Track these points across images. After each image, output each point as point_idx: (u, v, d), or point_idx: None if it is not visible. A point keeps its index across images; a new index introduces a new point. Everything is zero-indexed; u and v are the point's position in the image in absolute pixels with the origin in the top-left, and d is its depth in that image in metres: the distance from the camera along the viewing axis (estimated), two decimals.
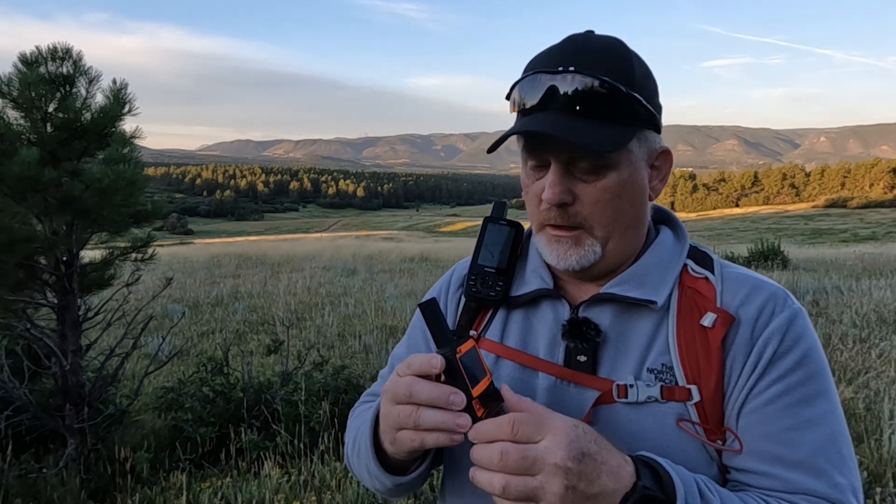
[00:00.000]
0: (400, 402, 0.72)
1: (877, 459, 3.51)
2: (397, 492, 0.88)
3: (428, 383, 0.70)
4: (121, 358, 4.43)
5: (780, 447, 0.76)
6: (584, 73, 0.77)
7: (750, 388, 0.79)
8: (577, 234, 0.82)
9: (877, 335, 6.46)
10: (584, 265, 0.83)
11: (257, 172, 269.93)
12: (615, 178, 0.80)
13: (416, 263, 17.58)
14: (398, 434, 0.73)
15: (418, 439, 0.71)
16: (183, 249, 27.43)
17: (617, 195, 0.81)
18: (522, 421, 0.66)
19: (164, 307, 10.10)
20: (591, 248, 0.83)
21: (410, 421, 0.70)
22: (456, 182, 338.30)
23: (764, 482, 0.76)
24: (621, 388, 0.80)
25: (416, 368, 0.71)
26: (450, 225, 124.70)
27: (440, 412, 0.69)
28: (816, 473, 0.75)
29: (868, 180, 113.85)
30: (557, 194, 0.79)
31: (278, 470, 3.73)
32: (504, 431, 0.66)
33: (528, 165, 0.84)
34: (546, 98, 0.78)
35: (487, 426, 0.67)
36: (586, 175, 0.80)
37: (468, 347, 0.72)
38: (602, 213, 0.81)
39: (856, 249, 20.68)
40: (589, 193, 0.80)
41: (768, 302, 0.82)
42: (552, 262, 0.85)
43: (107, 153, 4.02)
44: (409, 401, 0.70)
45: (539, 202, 0.83)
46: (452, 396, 0.69)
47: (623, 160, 0.81)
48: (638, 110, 0.80)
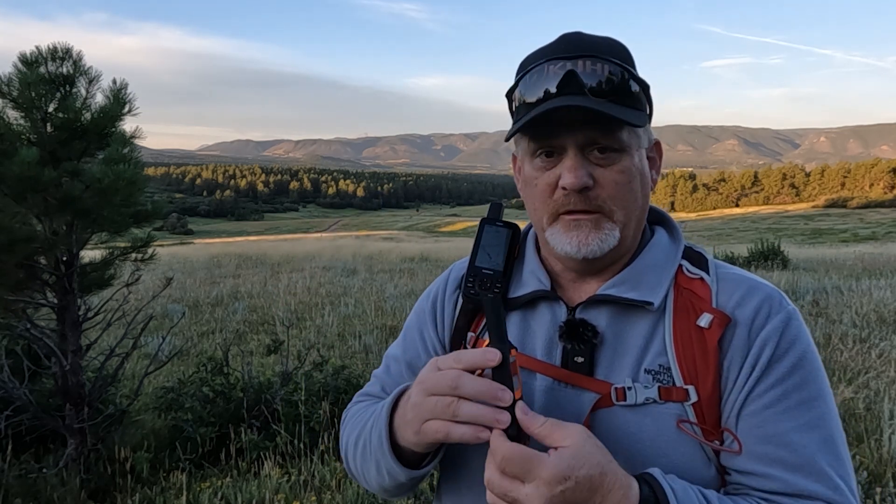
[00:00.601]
0: (439, 393, 0.71)
1: (877, 459, 3.51)
2: (409, 486, 0.87)
3: (476, 378, 0.70)
4: (121, 358, 4.43)
5: (781, 450, 0.76)
6: (602, 59, 0.78)
7: (749, 390, 0.79)
8: (595, 217, 0.82)
9: (877, 335, 6.46)
10: (604, 250, 0.82)
11: (257, 172, 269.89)
12: (629, 162, 0.81)
13: (416, 263, 17.58)
14: (426, 425, 0.73)
15: (444, 430, 0.71)
16: (183, 249, 27.44)
17: (632, 178, 0.82)
18: (512, 459, 0.67)
19: (164, 307, 10.10)
20: (611, 231, 0.82)
21: (449, 411, 0.70)
22: (456, 182, 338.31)
23: (764, 484, 0.77)
24: (619, 391, 0.80)
25: (466, 362, 0.71)
26: (450, 225, 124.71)
27: (481, 406, 0.69)
28: (817, 476, 0.75)
29: (868, 180, 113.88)
30: (580, 177, 0.78)
31: (278, 470, 3.73)
32: (494, 462, 0.68)
33: (538, 156, 0.83)
34: (564, 82, 0.78)
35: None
36: (602, 159, 0.80)
37: (514, 355, 0.72)
38: (621, 195, 0.81)
39: (856, 249, 20.69)
40: (607, 177, 0.80)
41: (764, 303, 0.82)
42: (571, 250, 0.82)
43: (107, 153, 4.02)
44: (453, 393, 0.70)
45: (551, 192, 0.82)
46: (501, 392, 0.69)
47: (634, 145, 0.82)
48: (644, 98, 0.82)
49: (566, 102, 0.76)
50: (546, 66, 0.80)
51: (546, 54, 0.81)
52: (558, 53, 0.80)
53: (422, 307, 1.02)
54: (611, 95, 0.78)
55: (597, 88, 0.77)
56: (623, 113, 0.77)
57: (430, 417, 0.72)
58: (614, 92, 0.78)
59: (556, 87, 0.78)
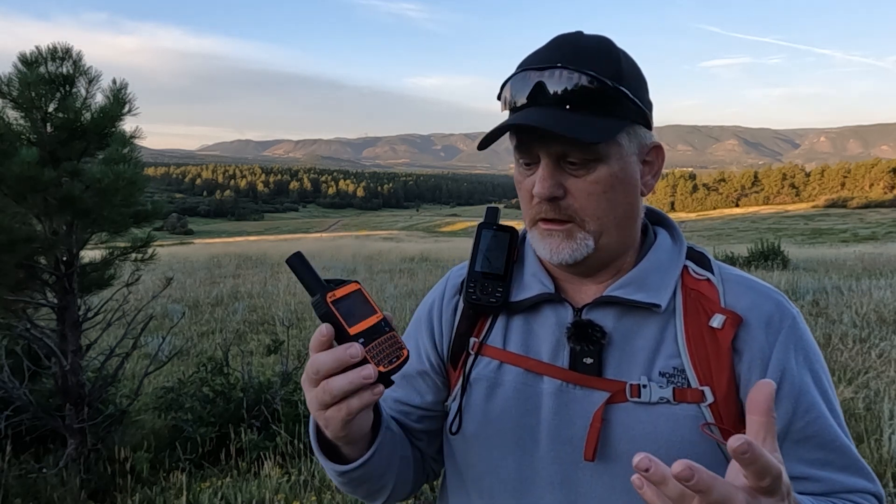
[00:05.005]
0: (311, 384, 0.69)
1: (877, 459, 3.51)
2: (365, 480, 0.84)
3: (326, 352, 0.67)
4: (121, 358, 4.43)
5: (831, 453, 0.80)
6: (571, 69, 0.78)
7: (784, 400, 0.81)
8: (568, 227, 0.82)
9: (877, 335, 6.46)
10: (576, 258, 0.83)
11: (257, 172, 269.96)
12: (605, 171, 0.80)
13: (416, 263, 17.58)
14: (326, 414, 0.70)
15: (344, 408, 0.68)
16: (183, 249, 27.43)
17: (608, 188, 0.81)
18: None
19: (164, 307, 10.10)
20: (584, 241, 0.82)
21: (327, 395, 0.67)
22: (456, 182, 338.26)
23: (814, 487, 0.79)
24: (634, 387, 0.81)
25: (313, 343, 0.69)
26: (450, 225, 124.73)
27: (345, 374, 0.66)
28: (860, 472, 0.81)
29: (868, 180, 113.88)
30: (548, 188, 0.80)
31: (278, 470, 3.73)
32: None
33: (520, 163, 0.85)
34: (534, 94, 0.79)
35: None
36: (576, 169, 0.80)
37: (348, 291, 0.70)
38: (594, 206, 0.81)
39: (856, 249, 20.69)
40: (580, 187, 0.81)
41: (776, 307, 0.84)
42: (545, 256, 0.85)
43: (107, 153, 4.03)
44: (318, 377, 0.68)
45: (531, 198, 0.83)
46: (349, 350, 0.66)
47: (613, 154, 0.81)
48: (626, 104, 0.81)
49: (525, 118, 0.78)
50: (525, 73, 0.81)
51: (528, 62, 0.82)
52: (539, 61, 0.81)
53: (419, 316, 1.02)
54: (581, 106, 0.78)
55: (564, 99, 0.78)
56: (587, 126, 0.77)
57: (320, 408, 0.70)
58: (585, 102, 0.78)
59: (526, 97, 0.80)
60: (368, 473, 0.82)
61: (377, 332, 0.70)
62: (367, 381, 0.66)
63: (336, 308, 0.68)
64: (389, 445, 0.86)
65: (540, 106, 0.79)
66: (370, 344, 0.68)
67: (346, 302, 0.69)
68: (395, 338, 0.71)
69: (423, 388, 0.97)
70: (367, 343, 0.68)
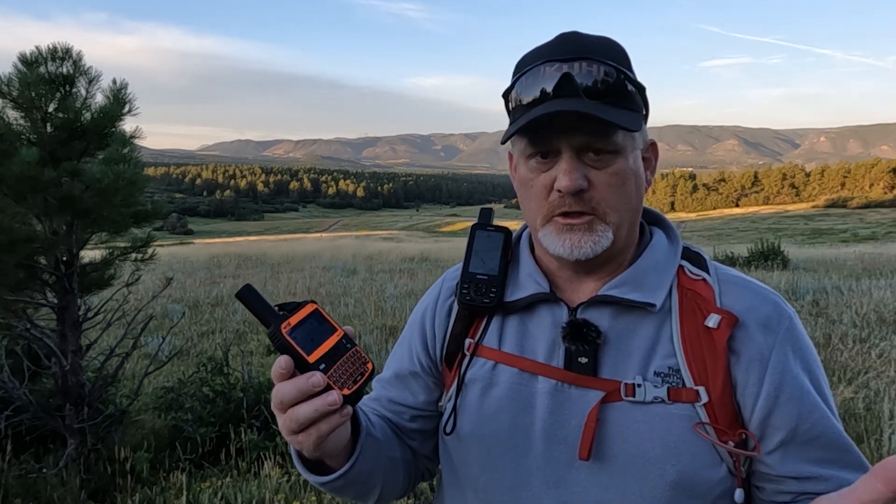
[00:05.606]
0: (279, 412, 0.70)
1: (877, 459, 3.51)
2: (352, 484, 0.85)
3: (288, 381, 0.68)
4: (121, 358, 4.43)
5: (836, 452, 0.81)
6: (598, 61, 0.78)
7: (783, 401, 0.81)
8: (588, 219, 0.82)
9: (877, 335, 6.45)
10: (597, 252, 0.82)
11: (257, 172, 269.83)
12: (623, 163, 0.81)
13: (416, 263, 17.58)
14: (297, 439, 0.71)
15: (314, 432, 0.69)
16: (183, 249, 27.43)
17: (625, 180, 0.82)
18: None
19: (164, 307, 10.10)
20: (604, 234, 0.82)
21: (294, 424, 0.68)
22: (456, 182, 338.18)
23: (824, 486, 0.79)
24: (629, 386, 0.81)
25: (274, 375, 0.69)
26: (450, 225, 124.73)
27: (310, 402, 0.67)
28: (864, 469, 0.80)
29: (868, 180, 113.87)
30: (575, 180, 0.79)
31: (278, 470, 3.73)
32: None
33: (534, 158, 0.83)
34: (560, 85, 0.78)
35: None
36: (597, 161, 0.80)
37: (304, 315, 0.69)
38: (614, 198, 0.81)
39: (856, 249, 20.69)
40: (602, 179, 0.80)
41: (774, 308, 0.84)
42: (564, 252, 0.83)
43: (107, 153, 4.02)
44: (283, 408, 0.69)
45: (547, 194, 0.82)
46: (311, 380, 0.66)
47: (629, 147, 0.82)
48: (640, 98, 0.83)
49: (561, 107, 0.77)
50: (542, 67, 0.80)
51: (542, 55, 0.81)
52: (554, 55, 0.80)
53: (413, 319, 1.03)
54: (606, 97, 0.78)
55: (592, 90, 0.78)
56: (618, 115, 0.77)
57: (290, 434, 0.71)
58: (610, 94, 0.78)
59: (552, 89, 0.79)
60: (351, 480, 0.83)
61: (338, 352, 0.69)
62: (332, 408, 0.66)
63: (293, 337, 0.68)
64: (373, 450, 0.86)
65: (567, 97, 0.78)
66: (332, 367, 0.68)
67: (304, 327, 0.69)
68: (357, 353, 0.70)
69: (415, 389, 0.98)
70: (328, 368, 0.68)
